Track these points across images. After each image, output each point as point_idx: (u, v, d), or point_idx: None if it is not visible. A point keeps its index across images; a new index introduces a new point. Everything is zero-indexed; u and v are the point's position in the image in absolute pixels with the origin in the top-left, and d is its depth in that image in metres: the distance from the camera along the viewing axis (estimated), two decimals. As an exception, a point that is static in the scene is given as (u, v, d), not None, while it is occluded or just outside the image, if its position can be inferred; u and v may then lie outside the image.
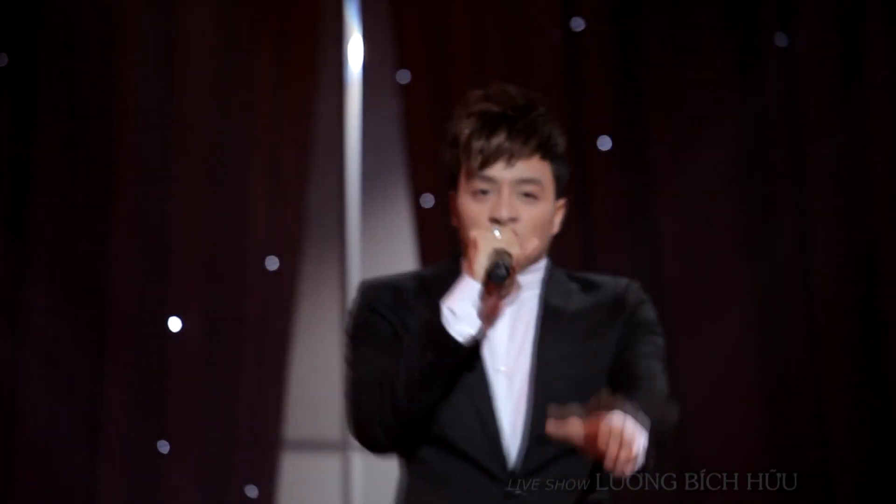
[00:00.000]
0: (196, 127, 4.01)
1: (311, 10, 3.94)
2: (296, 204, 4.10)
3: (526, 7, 3.94)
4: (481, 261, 1.48)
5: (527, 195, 1.56)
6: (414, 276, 1.63)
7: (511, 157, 1.53)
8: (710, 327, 3.78)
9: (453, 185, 1.63)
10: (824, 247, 3.81)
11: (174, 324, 3.77)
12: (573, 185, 3.87)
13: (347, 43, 4.02)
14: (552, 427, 1.33)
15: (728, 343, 3.56)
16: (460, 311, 1.45)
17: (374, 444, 1.50)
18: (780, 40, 3.79)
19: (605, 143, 3.88)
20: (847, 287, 3.50)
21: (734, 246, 3.82)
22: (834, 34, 3.71)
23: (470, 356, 1.48)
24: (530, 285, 1.60)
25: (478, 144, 1.55)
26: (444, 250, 3.84)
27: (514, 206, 1.55)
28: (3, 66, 3.58)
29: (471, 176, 1.58)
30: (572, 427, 1.35)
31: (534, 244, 1.54)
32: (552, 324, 1.55)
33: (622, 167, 3.86)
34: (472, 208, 1.57)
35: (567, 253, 3.87)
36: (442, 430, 1.49)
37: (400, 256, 4.05)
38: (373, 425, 1.47)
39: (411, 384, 1.43)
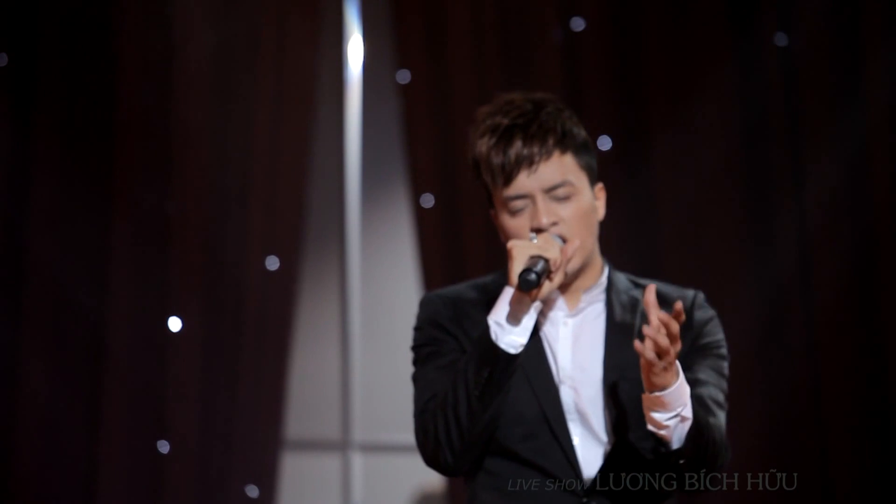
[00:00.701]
0: (196, 126, 4.01)
1: (311, 10, 3.94)
2: (296, 204, 4.10)
3: (526, 7, 3.94)
4: (517, 269, 1.48)
5: (560, 198, 1.55)
6: (474, 287, 1.62)
7: (532, 164, 1.53)
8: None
9: (490, 203, 1.62)
10: (825, 247, 3.80)
11: (174, 324, 3.78)
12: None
13: (347, 43, 4.02)
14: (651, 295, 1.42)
15: (728, 343, 3.55)
16: (507, 323, 1.45)
17: (446, 468, 1.51)
18: (780, 40, 3.79)
19: (604, 143, 3.88)
20: (847, 287, 3.50)
21: (734, 245, 3.82)
22: (834, 34, 3.71)
23: (539, 370, 1.48)
24: (593, 297, 1.59)
25: (497, 161, 1.54)
26: (444, 251, 3.86)
27: (551, 210, 1.54)
28: (3, 66, 3.58)
29: (502, 194, 1.57)
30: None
31: (578, 242, 1.54)
32: (620, 339, 1.54)
33: (622, 167, 3.86)
34: (512, 224, 1.56)
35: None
36: (513, 443, 1.49)
37: (400, 256, 4.05)
38: (442, 451, 1.48)
39: (472, 404, 1.43)
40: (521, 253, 1.51)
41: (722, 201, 3.85)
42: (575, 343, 1.60)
